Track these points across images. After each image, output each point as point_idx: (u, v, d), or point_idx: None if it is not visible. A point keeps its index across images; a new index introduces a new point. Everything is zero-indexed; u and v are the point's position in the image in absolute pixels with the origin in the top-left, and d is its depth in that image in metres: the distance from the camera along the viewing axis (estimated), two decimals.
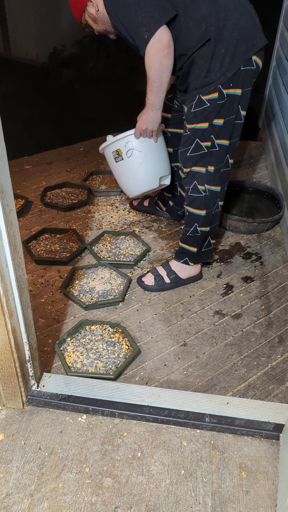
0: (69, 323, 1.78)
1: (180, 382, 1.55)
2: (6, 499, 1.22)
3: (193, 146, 1.73)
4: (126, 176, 2.01)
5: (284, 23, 2.76)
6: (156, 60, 1.56)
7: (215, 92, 1.62)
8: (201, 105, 1.66)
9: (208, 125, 1.68)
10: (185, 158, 1.78)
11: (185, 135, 1.76)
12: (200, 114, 1.67)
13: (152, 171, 1.98)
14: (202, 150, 1.73)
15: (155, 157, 1.96)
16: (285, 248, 2.19)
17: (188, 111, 1.71)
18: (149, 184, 2.00)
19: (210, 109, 1.65)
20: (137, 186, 2.01)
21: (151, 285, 1.92)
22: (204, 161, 1.76)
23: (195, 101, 1.66)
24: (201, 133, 1.70)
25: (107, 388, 1.46)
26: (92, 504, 1.21)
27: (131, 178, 2.00)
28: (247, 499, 1.22)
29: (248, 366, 1.61)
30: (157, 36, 1.52)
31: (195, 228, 1.87)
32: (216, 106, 1.64)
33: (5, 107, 1.58)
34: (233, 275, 2.03)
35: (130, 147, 1.92)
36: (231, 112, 1.68)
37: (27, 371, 1.40)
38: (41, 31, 3.12)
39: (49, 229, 2.27)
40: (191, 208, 1.85)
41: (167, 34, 1.53)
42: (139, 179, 1.99)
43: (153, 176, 1.99)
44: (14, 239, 1.14)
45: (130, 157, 1.94)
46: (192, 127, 1.71)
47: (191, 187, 1.81)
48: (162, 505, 1.21)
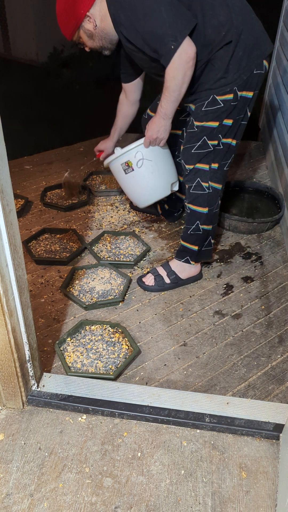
0: (69, 323, 1.78)
1: (180, 382, 1.55)
2: (6, 499, 1.22)
3: (199, 144, 1.73)
4: (138, 186, 1.98)
5: (284, 23, 2.76)
6: (181, 71, 1.55)
7: (231, 94, 1.64)
8: (214, 105, 1.66)
9: (218, 124, 1.69)
10: (189, 154, 1.77)
11: (191, 132, 1.75)
12: (212, 113, 1.67)
13: (163, 178, 1.96)
14: (208, 148, 1.73)
15: (165, 164, 1.95)
16: (285, 248, 2.19)
17: (198, 109, 1.70)
18: (161, 192, 1.98)
19: (223, 109, 1.66)
20: (150, 195, 1.99)
21: (151, 285, 1.92)
22: (209, 158, 1.76)
23: (209, 100, 1.66)
24: (210, 131, 1.70)
25: (107, 388, 1.46)
26: (92, 504, 1.21)
27: (143, 188, 1.97)
28: (247, 499, 1.22)
29: (248, 366, 1.61)
30: (184, 47, 1.51)
31: (196, 226, 1.86)
32: (229, 106, 1.66)
33: (5, 107, 1.58)
34: (233, 275, 2.03)
35: (140, 157, 1.90)
36: (240, 113, 1.70)
37: (27, 371, 1.40)
38: (41, 31, 3.12)
39: (49, 229, 2.27)
40: (194, 206, 1.84)
41: (193, 46, 1.52)
42: (152, 188, 1.97)
43: (165, 183, 1.97)
44: (14, 239, 1.14)
45: (141, 167, 1.91)
46: (201, 124, 1.70)
47: (194, 184, 1.80)
48: (162, 505, 1.21)
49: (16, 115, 2.76)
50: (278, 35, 2.93)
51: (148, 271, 1.98)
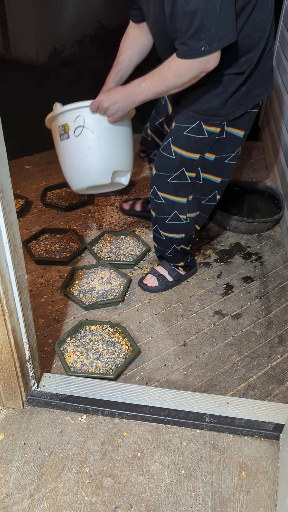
0: (69, 323, 1.78)
1: (180, 382, 1.55)
2: (6, 499, 1.22)
3: (176, 174, 1.58)
4: (70, 160, 1.58)
5: (284, 23, 2.76)
6: (190, 76, 1.33)
7: (218, 127, 1.50)
8: (199, 133, 1.51)
9: (199, 157, 1.55)
10: (163, 183, 1.60)
11: (168, 158, 1.56)
12: (194, 142, 1.52)
13: (104, 160, 1.55)
14: (186, 180, 1.59)
15: (112, 144, 1.55)
16: (285, 248, 2.19)
17: (179, 131, 1.53)
18: (97, 176, 1.58)
19: (206, 141, 1.52)
20: (82, 176, 1.59)
21: (155, 286, 1.92)
22: (186, 191, 1.62)
23: (194, 125, 1.50)
24: (190, 163, 1.56)
25: (107, 388, 1.46)
26: (92, 504, 1.21)
27: (76, 164, 1.57)
28: (247, 499, 1.22)
29: (248, 366, 1.61)
30: (212, 57, 1.28)
31: (174, 249, 1.80)
32: (212, 140, 1.52)
33: (5, 107, 1.58)
34: (233, 275, 2.03)
35: (81, 124, 1.50)
36: (225, 150, 1.56)
37: (27, 371, 1.40)
38: (41, 31, 3.12)
39: (49, 229, 2.27)
40: (169, 234, 1.74)
41: (218, 61, 1.30)
42: (86, 167, 1.56)
43: (104, 167, 1.57)
44: (14, 239, 1.14)
45: (79, 136, 1.51)
46: (180, 153, 1.54)
47: (171, 216, 1.67)
48: (162, 505, 1.21)
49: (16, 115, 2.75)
50: (278, 35, 2.93)
51: (147, 272, 1.98)
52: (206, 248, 2.20)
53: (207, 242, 2.24)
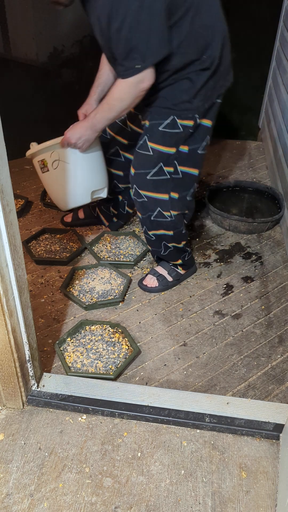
0: (69, 323, 1.78)
1: (180, 382, 1.55)
2: (6, 499, 1.22)
3: (155, 170, 1.62)
4: (53, 188, 1.81)
5: (284, 23, 2.76)
6: (130, 98, 1.46)
7: (191, 120, 1.56)
8: (173, 128, 1.56)
9: (175, 150, 1.60)
10: (143, 180, 1.65)
11: (145, 155, 1.62)
12: (169, 137, 1.57)
13: (82, 185, 1.77)
14: (164, 175, 1.63)
15: (86, 170, 1.76)
16: (285, 248, 2.19)
17: (154, 128, 1.59)
18: (79, 199, 1.81)
19: (181, 135, 1.58)
20: (65, 200, 1.82)
21: (155, 286, 1.92)
22: (167, 187, 1.66)
23: (168, 121, 1.56)
24: (167, 157, 1.60)
25: (107, 388, 1.46)
26: (92, 504, 1.21)
27: (59, 191, 1.79)
28: (247, 499, 1.22)
29: (248, 366, 1.61)
30: (146, 75, 1.39)
31: (165, 247, 1.81)
32: (187, 133, 1.58)
33: (5, 107, 1.58)
34: (233, 275, 2.03)
35: (56, 158, 1.70)
36: (197, 141, 1.62)
37: (27, 371, 1.40)
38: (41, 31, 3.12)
39: (49, 229, 2.27)
40: (156, 231, 1.76)
41: (152, 78, 1.41)
42: (68, 194, 1.78)
43: (83, 190, 1.79)
44: (14, 239, 1.14)
45: (57, 168, 1.72)
46: (157, 148, 1.59)
47: (155, 213, 1.70)
48: (162, 505, 1.21)
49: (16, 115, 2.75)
50: (278, 35, 2.93)
51: (147, 273, 1.98)
52: (206, 248, 2.20)
53: (207, 242, 2.24)
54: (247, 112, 3.62)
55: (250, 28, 2.96)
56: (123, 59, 1.39)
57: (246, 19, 2.97)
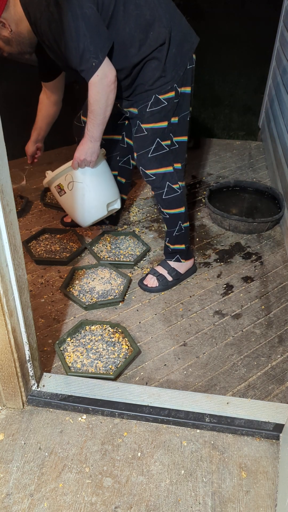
0: (69, 323, 1.78)
1: (180, 382, 1.55)
2: (6, 499, 1.22)
3: (154, 146, 1.71)
4: (73, 208, 1.94)
5: (284, 23, 2.76)
6: (103, 95, 1.54)
7: (172, 91, 1.63)
8: (158, 104, 1.65)
9: (167, 123, 1.68)
10: (146, 159, 1.75)
11: (142, 136, 1.71)
12: (158, 113, 1.66)
13: (97, 200, 1.91)
14: (163, 149, 1.72)
15: (99, 185, 1.90)
16: (285, 248, 2.19)
17: (143, 111, 1.68)
18: (97, 213, 1.95)
19: (168, 107, 1.65)
20: (86, 216, 1.95)
21: (155, 286, 1.92)
22: (169, 160, 1.75)
23: (151, 101, 1.64)
24: (162, 132, 1.69)
25: (107, 388, 1.46)
26: (92, 504, 1.21)
27: (79, 210, 1.93)
28: (247, 499, 1.22)
29: (248, 366, 1.61)
30: (105, 70, 1.50)
31: (179, 226, 1.89)
32: (173, 104, 1.65)
33: (5, 107, 1.58)
34: (233, 275, 2.03)
35: (70, 180, 1.86)
36: (184, 109, 1.71)
37: (27, 371, 1.40)
38: None
39: (49, 229, 2.27)
40: (172, 210, 1.85)
41: (113, 69, 1.52)
42: (86, 210, 1.92)
43: (99, 205, 1.92)
44: (14, 239, 1.14)
45: (72, 189, 1.88)
46: (150, 126, 1.68)
47: (166, 189, 1.79)
48: (162, 505, 1.21)
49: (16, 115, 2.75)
50: (278, 35, 2.93)
51: (147, 273, 1.98)
52: (206, 248, 2.20)
53: (207, 242, 2.24)
54: (247, 112, 3.62)
55: (250, 28, 2.96)
56: (80, 64, 1.50)
57: (246, 19, 2.97)
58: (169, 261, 1.95)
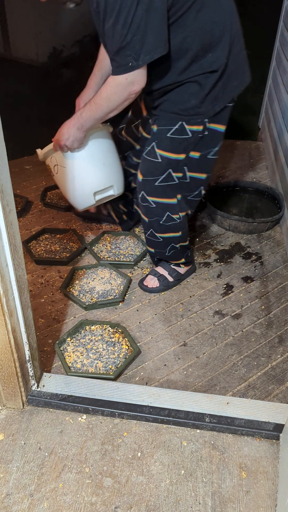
0: (69, 323, 1.78)
1: (180, 382, 1.55)
2: (6, 499, 1.22)
3: (163, 176, 1.59)
4: (63, 191, 1.79)
5: (284, 23, 2.76)
6: (119, 99, 1.40)
7: (201, 125, 1.51)
8: (182, 134, 1.52)
9: (184, 156, 1.56)
10: (151, 187, 1.63)
11: (154, 162, 1.59)
12: (178, 143, 1.53)
13: (81, 188, 1.71)
14: (173, 181, 1.60)
15: (84, 172, 1.68)
16: (285, 248, 2.19)
17: (162, 135, 1.55)
18: (84, 201, 1.76)
19: (190, 140, 1.53)
20: (75, 202, 1.80)
21: (156, 286, 1.92)
22: (175, 191, 1.64)
23: (176, 127, 1.52)
24: (176, 164, 1.57)
25: (107, 388, 1.46)
26: (92, 504, 1.21)
27: (67, 194, 1.78)
28: (247, 499, 1.22)
29: (248, 366, 1.61)
30: (136, 77, 1.32)
31: (172, 247, 1.82)
32: (196, 138, 1.53)
33: (5, 107, 1.58)
34: (233, 275, 2.03)
35: (55, 163, 1.68)
36: (208, 146, 1.58)
37: (27, 371, 1.40)
38: (41, 31, 3.12)
39: (49, 229, 2.27)
40: (165, 234, 1.75)
41: (144, 80, 1.35)
42: (71, 196, 1.76)
43: (83, 192, 1.73)
44: (14, 239, 1.14)
45: (58, 173, 1.71)
46: (166, 155, 1.56)
47: (164, 218, 1.69)
48: (162, 505, 1.21)
49: (16, 115, 2.76)
50: (278, 35, 2.93)
51: (147, 273, 1.98)
52: (206, 248, 2.20)
53: (207, 242, 2.24)
54: (247, 112, 3.62)
55: (250, 28, 2.96)
56: (115, 54, 1.31)
57: (246, 19, 2.97)
58: (169, 263, 1.95)
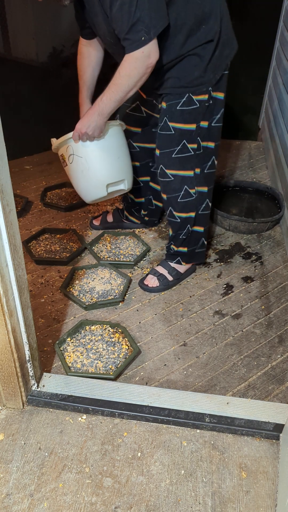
0: (69, 323, 1.78)
1: (180, 382, 1.55)
2: (6, 499, 1.22)
3: (179, 148, 1.66)
4: (74, 182, 1.81)
5: (284, 23, 2.76)
6: (138, 73, 1.45)
7: (206, 94, 1.60)
8: (190, 105, 1.60)
9: (195, 126, 1.64)
10: (168, 159, 1.70)
11: (168, 135, 1.66)
12: (188, 114, 1.61)
13: (95, 178, 1.75)
14: (189, 152, 1.67)
15: (100, 163, 1.73)
16: (285, 248, 2.19)
17: (172, 108, 1.62)
18: (96, 192, 1.79)
19: (199, 110, 1.61)
20: (84, 193, 1.82)
21: (156, 286, 1.92)
22: (192, 163, 1.71)
23: (184, 99, 1.59)
24: (189, 134, 1.64)
25: (107, 388, 1.46)
26: (92, 504, 1.21)
27: (78, 185, 1.80)
28: (247, 499, 1.22)
29: (248, 366, 1.61)
30: (151, 49, 1.41)
31: (187, 230, 1.85)
32: (203, 107, 1.62)
33: (5, 107, 1.58)
34: (233, 275, 2.03)
35: (71, 152, 1.70)
36: (214, 114, 1.67)
37: (27, 371, 1.40)
38: (41, 31, 3.11)
39: (49, 229, 2.27)
40: (183, 213, 1.81)
41: (157, 51, 1.43)
42: (85, 187, 1.79)
43: (98, 184, 1.76)
44: (14, 239, 1.14)
45: (72, 163, 1.72)
46: (179, 127, 1.64)
47: (182, 193, 1.75)
48: (162, 505, 1.21)
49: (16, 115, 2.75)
50: (278, 35, 2.93)
51: (147, 273, 1.98)
52: (206, 248, 2.20)
53: (207, 242, 2.24)
54: (247, 112, 3.61)
55: (250, 28, 2.96)
56: (127, 33, 1.40)
57: (246, 19, 2.97)
58: (169, 262, 1.95)
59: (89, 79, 1.80)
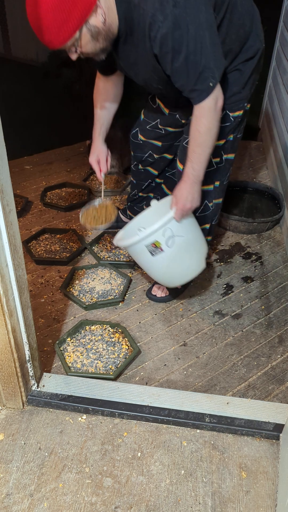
0: (69, 323, 1.78)
1: (180, 382, 1.55)
2: (6, 499, 1.22)
3: None
4: (169, 268, 1.60)
5: (284, 23, 2.76)
6: (216, 123, 1.35)
7: (241, 110, 1.54)
8: (225, 122, 1.52)
9: (224, 142, 1.58)
10: None
11: None
12: (221, 131, 1.49)
13: (198, 252, 1.63)
14: (211, 166, 1.60)
15: (196, 235, 1.61)
16: (285, 248, 2.19)
17: None
18: (198, 267, 1.64)
19: (231, 126, 1.55)
20: (185, 274, 1.64)
21: (165, 295, 1.87)
22: (212, 177, 1.65)
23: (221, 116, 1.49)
24: (215, 149, 1.53)
25: (107, 388, 1.46)
26: (92, 504, 1.21)
27: (177, 269, 1.61)
28: (247, 499, 1.22)
29: (248, 366, 1.61)
30: (218, 92, 1.31)
31: None
32: (236, 123, 1.56)
33: (5, 107, 1.58)
34: (233, 275, 2.03)
35: (170, 235, 1.50)
36: (240, 127, 1.63)
37: (27, 371, 1.40)
38: None
39: (49, 229, 2.27)
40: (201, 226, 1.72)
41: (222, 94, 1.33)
42: (187, 267, 1.61)
43: (200, 258, 1.64)
44: (14, 239, 1.14)
45: (173, 246, 1.52)
46: None
47: (202, 207, 1.70)
48: (162, 505, 1.21)
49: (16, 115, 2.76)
50: (278, 35, 2.93)
51: (154, 282, 1.90)
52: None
53: (207, 242, 2.24)
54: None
55: None
56: (195, 83, 1.30)
57: None
58: None
59: (103, 116, 1.73)
